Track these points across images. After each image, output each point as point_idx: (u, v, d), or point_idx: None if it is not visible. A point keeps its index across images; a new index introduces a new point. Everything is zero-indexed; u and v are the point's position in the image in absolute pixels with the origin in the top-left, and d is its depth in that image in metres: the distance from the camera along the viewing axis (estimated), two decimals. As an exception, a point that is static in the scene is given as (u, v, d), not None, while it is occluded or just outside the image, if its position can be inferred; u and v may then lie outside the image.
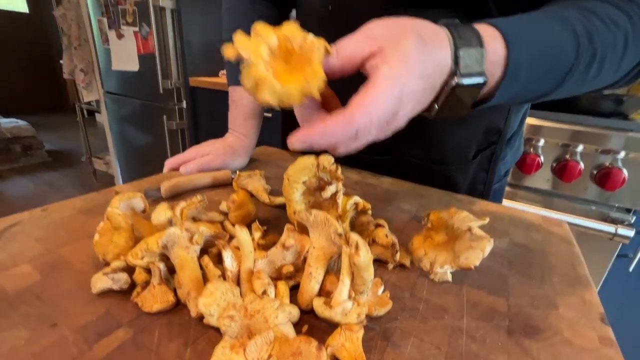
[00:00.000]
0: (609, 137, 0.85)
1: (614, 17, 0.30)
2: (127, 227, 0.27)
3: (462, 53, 0.24)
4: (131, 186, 0.44)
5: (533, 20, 0.29)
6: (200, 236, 0.24)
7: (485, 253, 0.26)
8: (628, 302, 1.00)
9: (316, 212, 0.24)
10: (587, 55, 0.29)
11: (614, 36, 0.29)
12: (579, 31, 0.28)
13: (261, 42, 0.20)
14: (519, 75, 0.27)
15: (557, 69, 0.29)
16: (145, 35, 1.66)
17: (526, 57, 0.27)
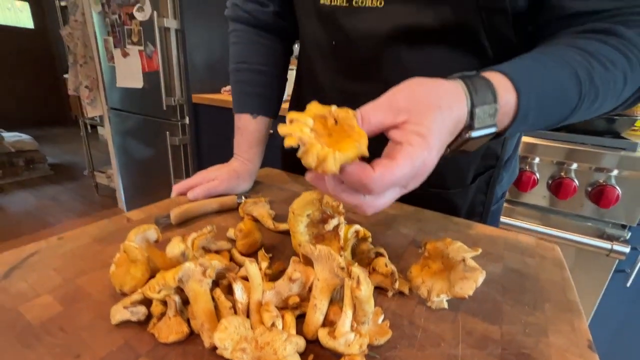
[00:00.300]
0: (602, 155, 0.88)
1: (612, 58, 0.32)
2: (144, 260, 0.28)
3: (477, 110, 0.27)
4: (141, 212, 0.46)
5: (540, 65, 0.31)
6: (212, 270, 0.26)
7: (478, 283, 0.28)
8: (627, 317, 1.00)
9: (320, 247, 0.26)
10: (589, 96, 0.32)
11: (614, 76, 0.32)
12: (581, 75, 0.31)
13: (302, 125, 0.22)
14: (527, 118, 0.30)
15: (562, 109, 0.32)
16: (150, 54, 1.71)
17: (534, 102, 0.29)
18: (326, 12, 0.47)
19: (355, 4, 0.44)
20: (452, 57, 0.43)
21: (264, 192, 0.56)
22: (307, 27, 0.52)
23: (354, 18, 0.45)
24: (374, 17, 0.44)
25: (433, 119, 0.25)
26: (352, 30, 0.46)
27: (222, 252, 0.36)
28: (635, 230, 0.91)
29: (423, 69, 0.44)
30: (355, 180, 0.23)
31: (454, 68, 0.44)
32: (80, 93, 2.19)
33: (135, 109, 1.95)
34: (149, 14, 1.61)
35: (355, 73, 0.50)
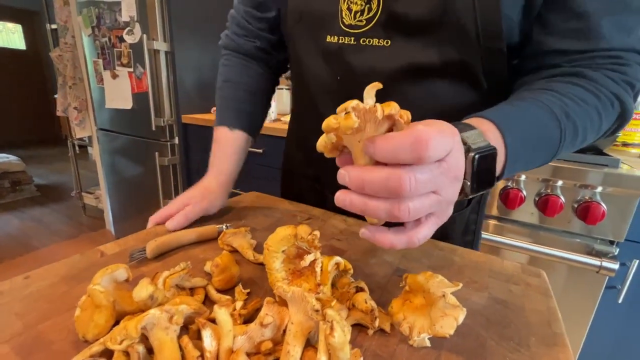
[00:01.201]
0: (586, 172, 0.89)
1: (583, 97, 0.36)
2: (108, 305, 0.27)
3: (464, 135, 0.28)
4: (116, 245, 0.44)
5: (517, 108, 0.35)
6: (180, 316, 0.25)
7: (459, 322, 0.27)
8: (620, 332, 0.99)
9: (293, 288, 0.25)
10: (569, 129, 0.35)
11: (587, 112, 0.36)
12: (557, 112, 0.34)
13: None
14: (518, 156, 0.32)
15: (549, 146, 0.36)
16: (139, 75, 1.71)
17: (520, 139, 0.32)
18: (333, 49, 0.48)
19: (363, 43, 0.46)
20: (451, 90, 0.46)
21: (248, 219, 0.55)
22: (310, 64, 0.53)
23: (361, 56, 0.47)
24: (380, 55, 0.45)
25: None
26: (359, 67, 0.47)
27: (197, 290, 0.34)
28: (623, 246, 0.91)
29: (425, 101, 0.48)
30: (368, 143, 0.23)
31: (453, 100, 0.47)
32: (69, 114, 2.17)
33: (124, 129, 1.94)
34: (138, 37, 1.62)
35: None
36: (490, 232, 1.04)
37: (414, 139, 0.21)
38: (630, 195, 0.86)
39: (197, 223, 0.51)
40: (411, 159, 0.22)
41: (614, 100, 0.37)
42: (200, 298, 0.33)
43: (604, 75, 0.37)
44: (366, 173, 0.23)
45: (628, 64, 0.38)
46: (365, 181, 0.23)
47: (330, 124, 0.22)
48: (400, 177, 0.22)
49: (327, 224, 0.55)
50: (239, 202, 0.63)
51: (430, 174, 0.23)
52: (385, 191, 0.23)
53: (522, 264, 0.45)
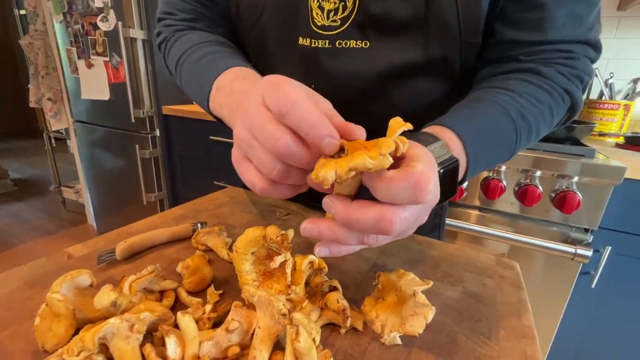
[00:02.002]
0: (564, 162, 0.91)
1: (538, 96, 0.38)
2: (68, 314, 0.26)
3: (430, 149, 0.28)
4: (85, 246, 0.43)
5: (476, 112, 0.36)
6: (142, 324, 0.24)
7: (428, 320, 0.27)
8: (593, 316, 1.04)
9: (260, 292, 0.25)
10: (524, 130, 0.37)
11: (541, 111, 0.38)
12: (513, 114, 0.36)
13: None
14: (479, 162, 0.34)
15: (506, 147, 0.37)
16: (116, 65, 1.65)
17: (480, 145, 0.33)
18: (307, 53, 0.44)
19: (339, 45, 0.43)
20: (431, 86, 0.45)
21: (225, 217, 0.54)
22: (282, 71, 0.46)
23: (338, 60, 0.43)
24: (360, 58, 0.43)
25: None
26: (336, 72, 0.44)
27: (167, 292, 0.33)
28: (596, 234, 0.95)
29: (407, 101, 0.47)
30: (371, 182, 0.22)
31: (432, 96, 0.47)
32: (43, 105, 2.08)
33: (103, 121, 1.87)
34: (113, 24, 1.55)
35: (340, 113, 0.48)
36: (471, 222, 1.05)
37: (414, 184, 0.20)
38: (604, 184, 0.88)
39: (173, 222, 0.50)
40: (408, 202, 0.21)
41: (564, 95, 0.40)
42: (169, 301, 0.32)
43: (555, 71, 0.39)
44: (355, 212, 0.22)
45: (578, 58, 0.40)
46: (352, 220, 0.22)
47: (366, 165, 0.19)
48: (391, 220, 0.21)
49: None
50: (217, 198, 0.62)
51: (418, 211, 0.23)
52: (372, 231, 0.22)
53: (496, 256, 0.46)
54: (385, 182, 0.21)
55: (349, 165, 0.20)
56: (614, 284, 0.98)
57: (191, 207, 0.57)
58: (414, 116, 0.48)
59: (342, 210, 0.22)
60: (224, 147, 1.50)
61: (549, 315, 1.02)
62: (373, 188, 0.22)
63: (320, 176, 0.20)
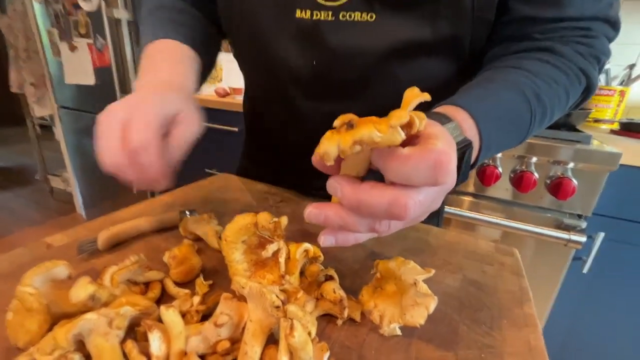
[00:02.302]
0: (559, 149, 0.90)
1: (554, 76, 0.36)
2: (41, 309, 0.24)
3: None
4: (65, 235, 0.40)
5: (490, 91, 0.34)
6: (122, 319, 0.22)
7: (430, 311, 0.26)
8: (583, 301, 1.05)
9: (251, 283, 0.23)
10: (539, 112, 0.35)
11: (556, 92, 0.36)
12: (528, 94, 0.34)
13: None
14: (491, 144, 0.31)
15: (520, 129, 0.35)
16: (100, 47, 1.58)
17: (493, 126, 0.31)
18: (307, 27, 0.41)
19: (343, 18, 0.40)
20: (438, 66, 0.43)
21: (216, 204, 0.52)
22: (276, 47, 0.44)
23: (341, 34, 0.40)
24: (365, 33, 0.40)
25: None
26: (338, 48, 0.41)
27: (153, 284, 0.31)
28: (590, 220, 0.95)
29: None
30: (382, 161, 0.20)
31: (439, 76, 0.44)
32: (26, 91, 2.00)
33: (88, 107, 1.81)
34: (96, 4, 1.48)
35: (340, 93, 0.45)
36: (465, 209, 1.05)
37: (434, 163, 0.18)
38: (600, 170, 0.88)
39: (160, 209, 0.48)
40: (425, 183, 0.19)
41: (581, 76, 0.37)
42: (155, 294, 0.30)
43: (572, 50, 0.37)
44: (364, 194, 0.20)
45: (596, 36, 0.37)
46: (362, 203, 0.20)
47: (372, 138, 0.17)
48: (405, 205, 0.19)
49: (300, 207, 0.53)
50: (207, 185, 0.59)
51: (434, 194, 0.21)
52: (384, 216, 0.20)
53: (495, 243, 0.45)
54: (400, 161, 0.19)
55: (353, 138, 0.17)
56: (606, 270, 0.99)
57: (180, 195, 0.54)
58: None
59: (350, 192, 0.20)
60: (214, 134, 1.46)
61: (540, 299, 1.03)
62: (385, 168, 0.20)
63: (320, 151, 0.18)
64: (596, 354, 1.09)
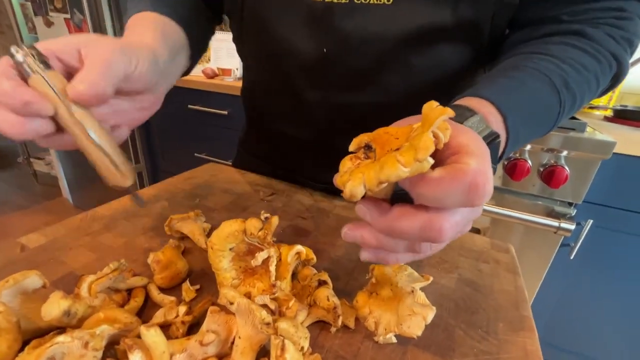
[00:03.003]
0: (553, 136, 0.89)
1: (583, 62, 0.33)
2: (10, 328, 0.22)
3: (468, 124, 0.24)
4: (42, 235, 0.38)
5: (516, 81, 0.31)
6: (98, 339, 0.20)
7: (428, 321, 0.25)
8: (569, 286, 1.08)
9: (239, 299, 0.21)
10: (568, 101, 0.33)
11: (587, 79, 0.34)
12: (557, 83, 0.31)
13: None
14: (518, 137, 0.29)
15: (548, 120, 0.33)
16: (78, 23, 1.48)
17: (520, 118, 0.29)
18: (319, 11, 0.38)
19: (358, 1, 0.37)
20: (456, 54, 0.40)
21: (202, 197, 0.50)
22: (283, 32, 0.42)
23: (355, 18, 0.38)
24: (380, 17, 0.37)
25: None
26: (352, 33, 0.38)
27: (135, 291, 0.30)
28: (580, 207, 0.96)
29: (430, 69, 0.41)
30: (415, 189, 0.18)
31: (457, 63, 0.41)
32: (0, 69, 1.88)
33: (69, 87, 1.72)
34: (71, -25, 1.37)
35: (351, 83, 0.43)
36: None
37: (470, 186, 0.17)
38: (593, 159, 0.88)
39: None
40: (460, 205, 0.18)
41: (612, 62, 0.35)
42: (138, 302, 0.28)
43: (604, 34, 0.34)
44: (395, 221, 0.19)
45: (629, 17, 0.35)
46: (394, 230, 0.19)
47: (399, 175, 0.16)
48: (440, 229, 0.18)
49: (292, 200, 0.51)
50: (194, 177, 0.57)
51: (469, 215, 0.20)
52: (419, 240, 0.20)
53: (491, 239, 0.44)
54: (430, 186, 0.17)
55: (378, 177, 0.16)
56: (592, 256, 1.01)
57: (165, 187, 0.52)
58: (434, 88, 0.43)
59: (380, 219, 0.20)
60: (203, 117, 1.41)
61: (527, 284, 1.06)
62: (414, 193, 0.18)
63: (347, 192, 0.17)
64: (578, 334, 1.14)
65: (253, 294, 0.26)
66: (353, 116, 0.45)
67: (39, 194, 2.35)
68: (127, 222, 0.42)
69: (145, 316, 0.28)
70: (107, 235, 0.39)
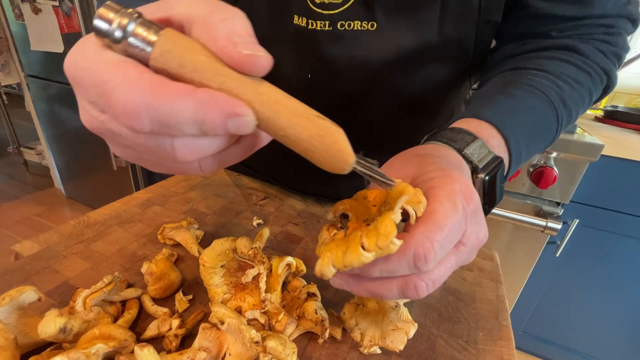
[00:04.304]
0: (544, 138, 0.91)
1: (577, 78, 0.34)
2: (8, 345, 0.23)
3: (468, 151, 0.25)
4: (36, 243, 0.38)
5: (514, 99, 0.31)
6: (94, 358, 0.21)
7: (410, 336, 0.26)
8: (554, 281, 1.12)
9: (229, 320, 0.22)
10: (565, 117, 0.34)
11: (581, 94, 0.35)
12: (554, 100, 0.32)
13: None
14: (521, 158, 0.30)
15: (546, 138, 0.34)
16: (67, 11, 1.45)
17: (523, 142, 0.30)
18: (303, 36, 0.38)
19: (341, 27, 0.36)
20: (441, 71, 0.40)
21: (194, 201, 0.50)
22: (275, 58, 0.40)
23: (339, 45, 0.37)
24: (365, 43, 0.36)
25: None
26: (337, 59, 0.38)
27: (130, 302, 0.31)
28: (567, 207, 0.98)
29: (416, 89, 0.41)
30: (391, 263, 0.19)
31: (442, 81, 0.42)
32: (-13, 56, 1.84)
33: (59, 76, 1.69)
34: (59, -39, 1.33)
35: (337, 105, 0.42)
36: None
37: (414, 257, 0.18)
38: (581, 160, 0.89)
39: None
40: (411, 273, 0.19)
41: (602, 76, 0.36)
42: (132, 314, 0.29)
43: (594, 49, 0.35)
44: (372, 286, 0.20)
45: (618, 33, 0.36)
46: (375, 294, 0.21)
47: (362, 261, 0.17)
48: (416, 287, 0.19)
49: (284, 205, 0.52)
50: (187, 179, 0.57)
51: (449, 264, 0.20)
52: (400, 298, 0.20)
53: (477, 246, 0.46)
54: (377, 265, 0.19)
55: (343, 262, 0.18)
56: (577, 254, 1.05)
57: (158, 191, 0.52)
58: (419, 104, 0.43)
59: (357, 287, 0.21)
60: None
61: (513, 280, 1.09)
62: (367, 272, 0.19)
63: (317, 272, 0.19)
64: (559, 327, 1.18)
65: (244, 308, 0.27)
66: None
67: (30, 184, 2.33)
68: (120, 228, 0.42)
69: (139, 327, 0.29)
70: (100, 242, 0.39)
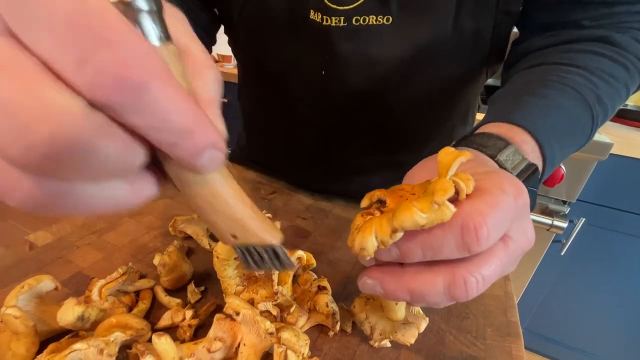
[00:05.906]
0: (552, 136, 0.90)
1: (613, 72, 0.32)
2: (28, 332, 0.23)
3: (501, 158, 0.24)
4: (50, 233, 0.39)
5: (548, 101, 0.30)
6: (113, 346, 0.22)
7: (421, 330, 0.27)
8: (559, 280, 1.12)
9: (244, 311, 0.23)
10: (601, 115, 0.32)
11: (617, 90, 0.33)
12: (589, 99, 0.30)
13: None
14: (554, 162, 0.29)
15: (581, 139, 0.32)
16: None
17: (557, 147, 0.28)
18: (317, 33, 0.37)
19: (356, 23, 0.35)
20: (457, 66, 0.39)
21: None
22: (284, 52, 0.41)
23: (354, 42, 0.37)
24: (380, 39, 0.36)
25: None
26: (351, 57, 0.37)
27: (143, 292, 0.31)
28: (573, 206, 0.98)
29: (432, 86, 0.41)
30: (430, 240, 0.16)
31: (458, 77, 0.41)
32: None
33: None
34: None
35: (351, 102, 0.42)
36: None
37: (461, 229, 0.16)
38: (589, 159, 0.89)
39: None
40: (458, 253, 0.16)
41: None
42: (146, 304, 0.30)
43: (632, 39, 0.33)
44: (413, 284, 0.17)
45: None
46: (414, 293, 0.18)
47: (417, 222, 0.14)
48: (465, 284, 0.16)
49: (292, 199, 0.52)
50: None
51: (498, 259, 0.17)
52: (446, 300, 0.18)
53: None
54: (423, 241, 0.16)
55: (391, 225, 0.15)
56: (582, 252, 1.04)
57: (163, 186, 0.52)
58: (436, 99, 0.43)
59: (395, 285, 0.18)
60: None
61: (517, 279, 1.09)
62: (404, 250, 0.17)
63: (356, 245, 0.16)
64: (563, 325, 1.18)
65: (256, 300, 0.28)
66: (353, 130, 0.45)
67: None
68: (131, 219, 0.43)
69: (152, 317, 0.30)
70: (112, 233, 0.40)
